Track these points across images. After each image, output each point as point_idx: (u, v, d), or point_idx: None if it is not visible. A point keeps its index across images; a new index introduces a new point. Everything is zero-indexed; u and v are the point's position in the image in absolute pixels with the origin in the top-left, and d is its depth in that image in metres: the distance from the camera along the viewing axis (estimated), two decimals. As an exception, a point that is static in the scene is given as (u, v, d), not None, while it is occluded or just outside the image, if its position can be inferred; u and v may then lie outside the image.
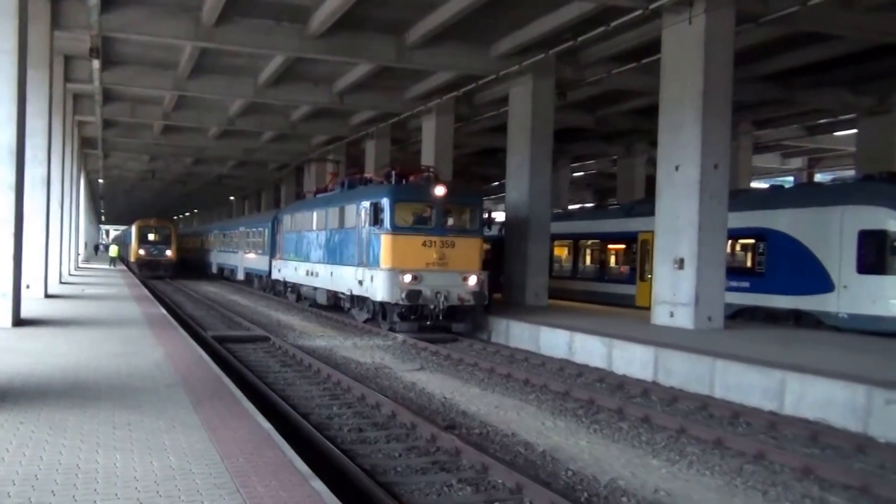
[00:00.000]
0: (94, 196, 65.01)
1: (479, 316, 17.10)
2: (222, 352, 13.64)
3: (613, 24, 14.79)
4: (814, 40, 17.51)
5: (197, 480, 5.06)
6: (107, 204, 78.46)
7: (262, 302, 26.93)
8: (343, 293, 19.35)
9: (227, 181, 52.84)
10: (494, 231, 23.53)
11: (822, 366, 10.30)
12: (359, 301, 18.45)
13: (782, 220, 16.92)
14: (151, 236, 43.45)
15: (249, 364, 12.86)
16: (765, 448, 8.11)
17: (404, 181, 17.48)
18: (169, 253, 43.21)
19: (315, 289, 22.03)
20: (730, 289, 16.95)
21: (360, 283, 17.73)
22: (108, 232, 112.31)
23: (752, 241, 17.89)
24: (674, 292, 14.80)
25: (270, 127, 31.34)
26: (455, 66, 19.94)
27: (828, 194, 16.86)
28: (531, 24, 17.13)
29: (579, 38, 15.96)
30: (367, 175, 22.40)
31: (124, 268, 45.24)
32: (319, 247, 21.65)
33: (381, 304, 16.87)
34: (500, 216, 26.18)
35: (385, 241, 16.60)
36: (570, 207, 33.60)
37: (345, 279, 18.96)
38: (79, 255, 43.24)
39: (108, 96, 26.02)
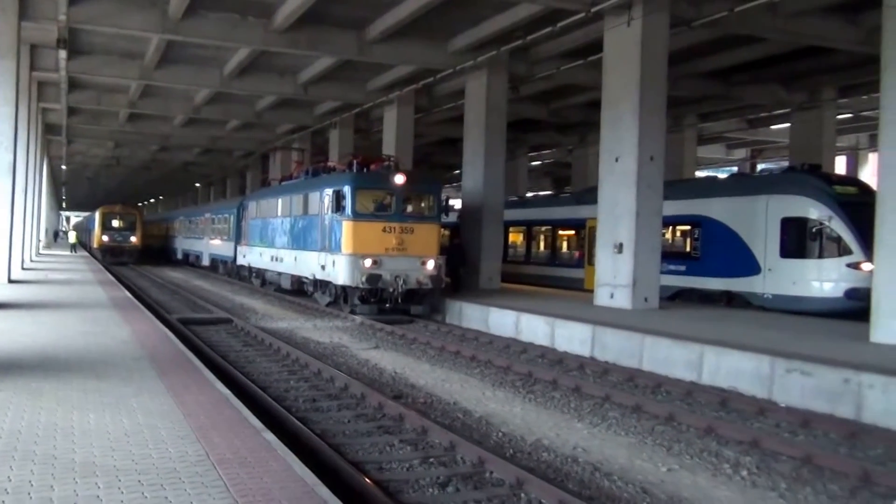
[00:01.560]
0: (55, 182, 64.42)
1: (436, 299, 17.82)
2: (186, 333, 14.23)
3: (560, 24, 15.69)
4: (748, 41, 18.55)
5: (162, 433, 5.86)
6: (69, 190, 77.61)
7: (226, 287, 27.46)
8: (306, 277, 19.92)
9: (193, 168, 52.85)
10: (453, 218, 24.39)
11: (736, 340, 11.29)
12: (321, 285, 19.05)
13: (715, 209, 18.02)
14: (116, 223, 43.54)
15: (212, 344, 13.48)
16: (677, 412, 9.09)
17: (365, 170, 18.06)
18: (133, 239, 43.37)
19: (279, 274, 22.55)
20: (669, 272, 18.08)
21: (323, 267, 18.34)
22: (68, 218, 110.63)
23: (688, 227, 19.01)
24: (614, 275, 15.80)
25: (236, 116, 31.67)
26: (414, 61, 20.69)
27: (755, 184, 18.04)
28: (484, 22, 17.93)
29: (529, 37, 16.84)
30: (331, 163, 22.99)
31: (86, 254, 45.27)
32: (284, 233, 22.15)
33: (343, 287, 17.49)
34: (458, 203, 27.00)
35: (346, 228, 17.22)
36: (528, 195, 34.62)
37: (308, 264, 19.55)
38: (40, 241, 43.20)
39: (74, 84, 26.14)
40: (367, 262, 16.68)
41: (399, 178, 17.21)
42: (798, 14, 16.01)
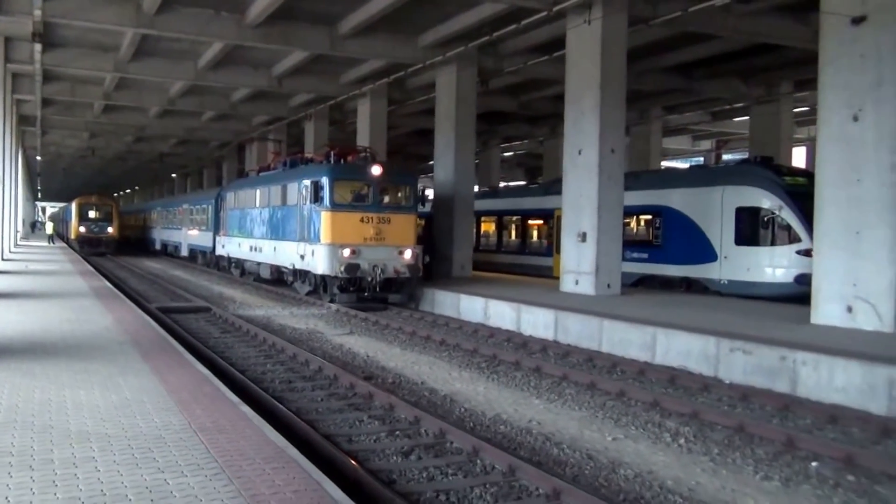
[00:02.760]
0: (30, 173, 63.99)
1: (413, 287, 18.23)
2: (166, 320, 14.68)
3: (524, 22, 16.32)
4: (706, 37, 19.33)
5: (148, 406, 6.46)
6: (44, 181, 76.98)
7: (203, 277, 27.79)
8: (286, 267, 20.19)
9: (169, 159, 52.76)
10: (429, 208, 24.94)
11: (687, 323, 12.05)
12: (301, 275, 19.35)
13: (675, 199, 18.80)
14: (92, 213, 43.58)
15: (192, 331, 13.96)
16: (628, 388, 9.78)
17: (343, 161, 18.38)
18: (110, 230, 43.45)
19: (259, 264, 22.76)
20: (632, 259, 18.88)
21: (302, 257, 18.61)
22: (44, 209, 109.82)
23: (650, 217, 19.80)
24: (578, 263, 16.51)
25: (211, 107, 31.82)
26: (384, 55, 21.16)
27: (711, 176, 18.86)
28: (452, 19, 18.47)
29: (495, 34, 17.44)
30: (308, 155, 23.29)
31: (64, 245, 45.32)
32: (263, 223, 22.34)
33: (322, 277, 17.82)
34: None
35: (325, 218, 17.52)
36: (502, 185, 35.32)
37: (287, 254, 19.80)
38: (17, 232, 43.10)
39: (49, 76, 26.17)
40: (346, 252, 17.01)
41: (376, 170, 17.53)
42: (750, 13, 16.76)
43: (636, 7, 15.60)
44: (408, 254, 17.59)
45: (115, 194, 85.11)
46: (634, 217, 20.07)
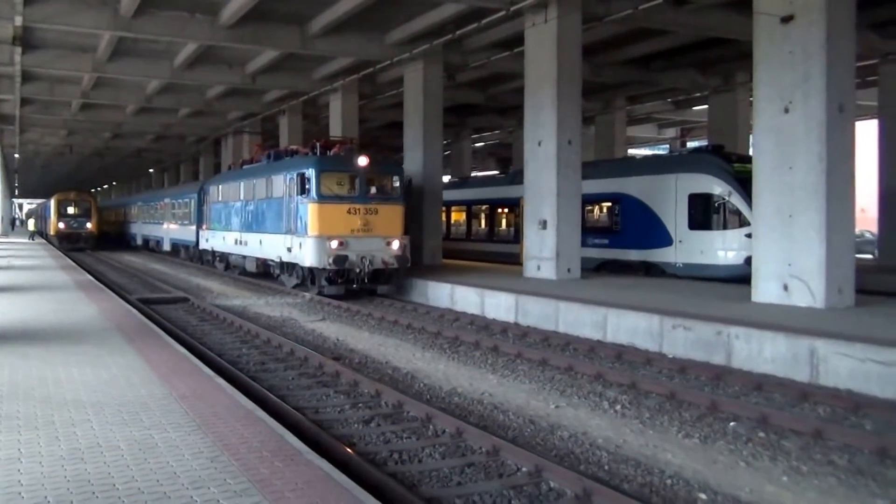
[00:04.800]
0: (8, 170, 63.83)
1: (402, 278, 18.33)
2: (146, 310, 15.32)
3: (484, 21, 17.14)
4: (661, 32, 20.22)
5: (134, 380, 7.25)
6: (21, 177, 76.76)
7: (183, 270, 28.30)
8: (273, 260, 20.06)
9: (146, 154, 52.95)
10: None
11: (636, 303, 12.90)
12: (288, 267, 19.25)
13: (632, 186, 19.70)
14: (71, 209, 43.80)
15: (171, 320, 14.60)
16: (576, 364, 10.63)
17: (329, 152, 18.51)
18: (89, 225, 43.69)
19: (244, 257, 22.62)
20: (594, 245, 19.77)
21: (289, 250, 18.65)
22: (21, 206, 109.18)
23: (610, 204, 20.72)
24: (540, 249, 17.38)
25: (187, 104, 32.21)
26: (354, 53, 21.84)
27: (666, 164, 19.81)
28: (417, 18, 19.21)
29: (458, 31, 18.23)
30: (294, 147, 23.50)
31: (43, 241, 45.60)
32: (248, 216, 22.25)
33: (310, 269, 17.76)
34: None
35: (312, 210, 17.45)
36: (474, 175, 36.16)
37: (274, 247, 19.70)
38: (-3, 230, 43.41)
39: (27, 77, 26.49)
40: (334, 244, 16.93)
41: (362, 160, 17.52)
42: (699, 9, 17.66)
43: (590, 6, 16.43)
44: (396, 244, 17.61)
45: (93, 190, 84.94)
46: (595, 205, 20.97)
